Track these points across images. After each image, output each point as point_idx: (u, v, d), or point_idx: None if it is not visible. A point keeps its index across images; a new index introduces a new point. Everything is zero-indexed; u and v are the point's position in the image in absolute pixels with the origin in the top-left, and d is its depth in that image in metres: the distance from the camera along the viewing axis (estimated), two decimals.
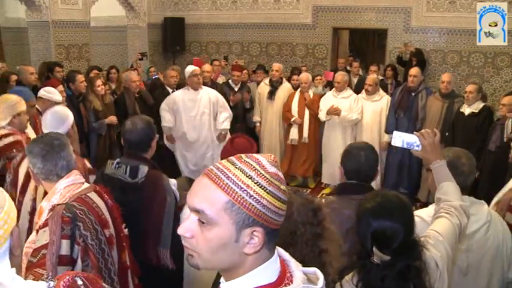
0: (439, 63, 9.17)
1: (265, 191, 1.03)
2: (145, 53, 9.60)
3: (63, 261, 1.94)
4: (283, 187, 1.07)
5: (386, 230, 1.74)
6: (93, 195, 2.23)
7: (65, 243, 1.96)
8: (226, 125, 6.02)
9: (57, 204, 2.04)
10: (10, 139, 3.40)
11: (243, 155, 1.08)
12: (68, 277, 1.23)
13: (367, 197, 1.92)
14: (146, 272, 2.63)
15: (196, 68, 5.97)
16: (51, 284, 1.19)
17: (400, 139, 2.28)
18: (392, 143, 2.34)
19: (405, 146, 2.28)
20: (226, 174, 1.03)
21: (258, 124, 7.39)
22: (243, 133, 7.02)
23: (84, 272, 1.82)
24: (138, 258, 2.55)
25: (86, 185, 2.26)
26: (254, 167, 1.04)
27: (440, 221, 2.03)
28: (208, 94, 5.97)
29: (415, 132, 2.26)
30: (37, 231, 2.02)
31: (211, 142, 6.03)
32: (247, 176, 1.03)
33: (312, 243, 1.67)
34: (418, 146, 2.23)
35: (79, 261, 1.99)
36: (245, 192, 1.02)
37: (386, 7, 9.39)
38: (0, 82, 6.35)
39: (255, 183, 1.02)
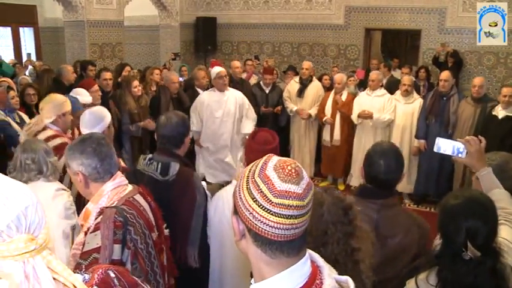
0: (474, 65, 8.97)
1: (268, 212, 1.07)
2: (178, 53, 9.70)
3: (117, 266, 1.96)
4: (294, 202, 1.07)
5: (478, 227, 1.77)
6: (139, 198, 2.22)
7: (117, 248, 1.96)
8: (250, 128, 5.87)
9: (106, 207, 2.03)
10: (58, 141, 3.42)
11: (256, 171, 1.11)
12: (101, 270, 1.26)
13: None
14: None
15: (222, 69, 5.83)
16: (86, 276, 1.23)
17: (444, 145, 2.25)
18: (435, 150, 2.29)
19: (448, 153, 2.25)
20: (240, 195, 1.12)
21: (294, 109, 7.17)
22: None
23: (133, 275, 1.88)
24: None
25: (130, 186, 2.23)
26: (260, 188, 1.08)
27: (504, 229, 2.01)
28: (235, 96, 5.89)
29: (459, 139, 2.24)
30: (85, 233, 2.02)
31: (233, 144, 5.96)
32: (252, 199, 1.08)
33: (343, 242, 1.65)
34: (461, 152, 2.21)
35: (128, 265, 2.00)
36: (251, 215, 1.09)
37: (420, 7, 9.24)
38: (40, 80, 6.53)
39: (258, 205, 1.07)
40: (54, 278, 1.09)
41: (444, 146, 2.26)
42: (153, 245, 2.16)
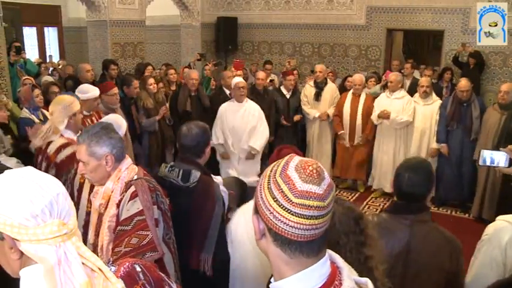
0: (499, 66, 8.81)
1: (289, 212, 1.07)
2: (204, 54, 9.70)
3: (156, 224, 2.27)
4: (314, 203, 1.07)
5: None
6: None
7: (155, 208, 2.28)
8: (259, 145, 5.78)
9: (130, 181, 2.32)
10: (69, 150, 3.35)
11: (278, 171, 1.12)
12: (127, 263, 1.29)
13: None
14: (192, 277, 2.68)
15: (241, 80, 5.82)
16: (112, 268, 1.26)
17: (488, 157, 2.25)
18: (481, 163, 2.29)
19: (494, 164, 2.25)
20: (262, 195, 1.12)
21: (317, 115, 7.13)
22: (292, 134, 7.03)
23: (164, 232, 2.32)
24: (180, 261, 2.60)
25: (135, 166, 2.49)
26: (281, 188, 1.08)
27: None
28: (253, 109, 5.84)
29: (502, 149, 2.22)
30: (117, 205, 2.29)
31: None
32: (273, 198, 1.09)
33: (356, 251, 1.66)
34: (505, 162, 2.20)
35: (161, 224, 2.31)
36: (272, 214, 1.09)
37: (443, 7, 9.10)
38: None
39: (279, 205, 1.08)
40: (82, 263, 1.16)
41: (489, 157, 2.25)
42: (168, 208, 2.45)
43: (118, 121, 3.64)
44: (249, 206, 2.78)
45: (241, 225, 2.70)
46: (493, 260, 2.22)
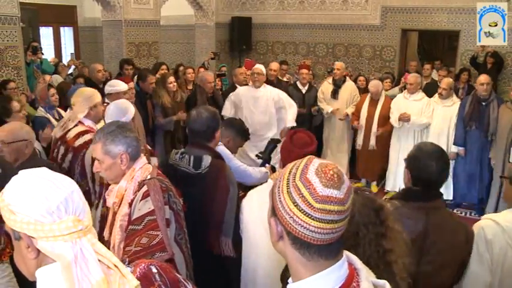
0: None
1: (309, 217, 1.07)
2: (218, 53, 9.72)
3: (167, 224, 2.28)
4: (335, 207, 1.07)
5: None
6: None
7: (167, 209, 2.29)
8: (292, 122, 5.99)
9: (143, 180, 2.32)
10: (88, 136, 3.49)
11: (297, 174, 1.11)
12: (143, 265, 1.30)
13: None
14: (206, 261, 2.68)
15: (258, 67, 6.01)
16: (129, 269, 1.26)
17: None
18: None
19: None
20: (280, 198, 1.12)
21: (330, 111, 7.10)
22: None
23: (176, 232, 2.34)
24: (200, 247, 2.60)
25: (149, 165, 2.47)
26: (301, 193, 1.07)
27: None
28: (271, 93, 5.97)
29: None
30: (130, 204, 2.30)
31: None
32: (293, 203, 1.08)
33: (375, 244, 1.63)
34: None
35: (173, 224, 2.33)
36: (291, 218, 1.09)
37: (459, 8, 9.00)
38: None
39: (300, 210, 1.07)
40: (98, 260, 1.17)
41: None
42: (181, 209, 2.47)
43: (125, 104, 3.62)
44: (258, 189, 2.70)
45: (252, 207, 2.59)
46: (481, 256, 2.26)
